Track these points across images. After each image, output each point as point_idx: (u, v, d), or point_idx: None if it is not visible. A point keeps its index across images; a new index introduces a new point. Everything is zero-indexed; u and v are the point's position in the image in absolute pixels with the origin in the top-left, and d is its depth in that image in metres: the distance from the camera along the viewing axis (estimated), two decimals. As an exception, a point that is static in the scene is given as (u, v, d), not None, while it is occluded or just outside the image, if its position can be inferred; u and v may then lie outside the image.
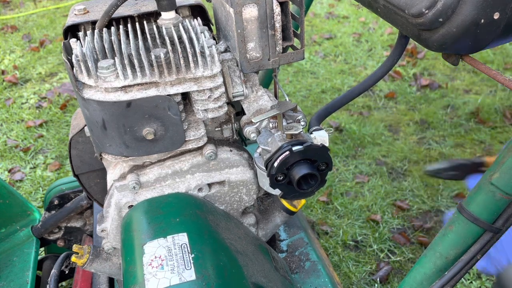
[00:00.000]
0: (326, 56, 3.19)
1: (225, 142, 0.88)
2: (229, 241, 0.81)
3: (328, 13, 3.79)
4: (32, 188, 2.19)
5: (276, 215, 0.99)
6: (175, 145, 0.81)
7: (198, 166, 0.86)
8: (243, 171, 0.88)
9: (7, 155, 2.41)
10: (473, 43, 0.70)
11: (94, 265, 0.90)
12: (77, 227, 1.40)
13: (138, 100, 0.73)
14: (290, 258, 1.08)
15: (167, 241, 0.74)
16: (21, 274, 1.18)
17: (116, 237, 0.90)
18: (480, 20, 0.65)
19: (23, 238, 1.32)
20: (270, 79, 1.71)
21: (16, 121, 2.68)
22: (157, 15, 0.85)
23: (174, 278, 0.68)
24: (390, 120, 2.47)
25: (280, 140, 0.70)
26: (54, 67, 3.22)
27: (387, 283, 1.66)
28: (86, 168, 1.07)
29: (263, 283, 0.80)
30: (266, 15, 0.74)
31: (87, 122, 0.81)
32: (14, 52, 3.44)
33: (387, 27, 3.42)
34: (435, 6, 0.66)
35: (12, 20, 3.97)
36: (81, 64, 0.73)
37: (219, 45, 0.87)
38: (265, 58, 0.79)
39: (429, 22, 0.68)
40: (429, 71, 2.91)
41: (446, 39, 0.69)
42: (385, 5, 0.78)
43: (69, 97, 2.85)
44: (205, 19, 0.93)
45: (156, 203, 0.84)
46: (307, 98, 2.73)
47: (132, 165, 0.86)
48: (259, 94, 0.84)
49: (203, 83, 0.75)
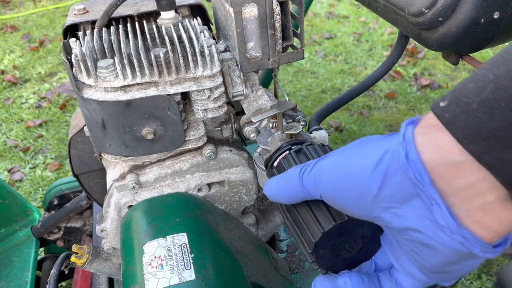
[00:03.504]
0: (326, 56, 3.18)
1: (224, 142, 0.88)
2: (229, 241, 0.80)
3: (328, 13, 3.79)
4: (32, 188, 2.19)
5: (276, 215, 0.99)
6: (174, 145, 0.81)
7: (198, 166, 0.86)
8: (243, 171, 0.88)
9: (6, 155, 2.41)
10: (473, 43, 0.70)
11: (93, 265, 0.90)
12: (76, 227, 1.40)
13: (137, 100, 0.73)
14: (290, 258, 1.08)
15: (167, 241, 0.74)
16: (21, 274, 1.18)
17: (115, 237, 0.90)
18: (480, 20, 0.65)
19: (22, 238, 1.32)
20: (270, 78, 1.71)
21: (15, 121, 2.67)
22: (157, 15, 0.85)
23: (174, 278, 0.68)
24: (390, 120, 2.46)
25: (280, 140, 0.70)
26: (54, 67, 3.22)
27: (387, 283, 1.65)
28: (85, 168, 1.07)
29: (263, 283, 0.80)
30: (266, 14, 0.74)
31: (87, 122, 0.81)
32: (13, 52, 3.44)
33: (387, 27, 3.42)
34: (435, 6, 0.66)
35: (11, 20, 3.97)
36: (80, 64, 0.73)
37: (219, 44, 0.87)
38: (265, 57, 0.79)
39: (429, 21, 0.68)
40: (429, 71, 2.91)
41: (446, 39, 0.69)
42: (385, 5, 0.77)
43: (68, 97, 2.85)
44: (205, 18, 0.93)
45: (156, 203, 0.84)
46: (307, 98, 2.73)
47: (132, 165, 0.86)
48: (258, 94, 0.84)
49: (202, 82, 0.75)
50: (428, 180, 0.38)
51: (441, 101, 0.38)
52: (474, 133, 0.35)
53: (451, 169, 0.37)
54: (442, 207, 0.38)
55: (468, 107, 0.35)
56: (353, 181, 0.42)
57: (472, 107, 0.35)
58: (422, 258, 0.43)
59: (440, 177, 0.38)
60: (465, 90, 0.36)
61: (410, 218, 0.41)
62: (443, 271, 0.43)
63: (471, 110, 0.35)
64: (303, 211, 0.52)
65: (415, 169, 0.38)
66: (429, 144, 0.38)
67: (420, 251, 0.43)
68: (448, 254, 0.40)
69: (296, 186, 0.48)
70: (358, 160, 0.43)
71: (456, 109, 0.36)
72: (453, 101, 0.37)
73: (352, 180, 0.42)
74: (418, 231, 0.41)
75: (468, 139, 0.35)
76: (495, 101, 0.34)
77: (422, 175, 0.38)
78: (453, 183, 0.37)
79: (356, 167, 0.42)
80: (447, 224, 0.38)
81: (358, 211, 0.44)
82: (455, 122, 0.36)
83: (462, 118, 0.36)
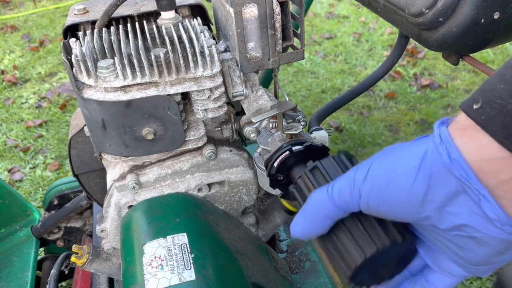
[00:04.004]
0: (326, 56, 3.18)
1: (225, 142, 0.88)
2: (229, 241, 0.80)
3: (328, 13, 3.79)
4: (32, 188, 2.19)
5: (276, 215, 0.99)
6: (175, 145, 0.81)
7: (198, 166, 0.86)
8: (243, 171, 0.88)
9: (6, 155, 2.41)
10: (473, 43, 0.70)
11: (93, 265, 0.90)
12: (76, 227, 1.40)
13: (137, 100, 0.73)
14: (290, 258, 1.08)
15: (167, 241, 0.74)
16: (21, 274, 1.18)
17: (115, 237, 0.90)
18: (480, 20, 0.65)
19: (22, 238, 1.32)
20: (270, 79, 1.71)
21: (15, 121, 2.67)
22: (157, 15, 0.85)
23: (174, 278, 0.68)
24: (390, 120, 2.46)
25: (280, 140, 0.70)
26: (54, 67, 3.22)
27: (387, 283, 1.65)
28: (85, 168, 1.07)
29: (263, 283, 0.80)
30: (266, 14, 0.74)
31: (87, 122, 0.81)
32: (13, 52, 3.44)
33: (387, 27, 3.42)
34: (435, 6, 0.66)
35: (11, 20, 3.97)
36: (80, 64, 0.73)
37: (219, 45, 0.87)
38: (265, 57, 0.79)
39: (429, 21, 0.68)
40: (430, 71, 2.91)
41: (446, 39, 0.69)
42: (385, 5, 0.77)
43: (68, 97, 2.85)
44: (205, 18, 0.93)
45: (156, 203, 0.84)
46: (307, 98, 2.73)
47: (132, 165, 0.86)
48: (259, 94, 0.84)
49: (203, 83, 0.75)
50: (474, 177, 0.39)
51: (473, 102, 0.39)
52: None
53: (494, 165, 0.39)
54: (491, 201, 0.40)
55: (503, 108, 0.37)
56: (399, 187, 0.43)
57: (507, 108, 0.37)
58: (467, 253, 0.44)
59: (484, 173, 0.40)
60: (497, 92, 0.38)
61: (460, 214, 0.42)
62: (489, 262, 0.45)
63: (507, 111, 0.37)
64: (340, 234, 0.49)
65: (459, 168, 0.40)
66: (470, 144, 0.40)
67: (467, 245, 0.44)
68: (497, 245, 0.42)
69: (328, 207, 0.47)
70: (398, 165, 0.43)
71: (491, 111, 0.38)
72: (486, 103, 0.38)
73: (398, 187, 0.43)
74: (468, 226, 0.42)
75: (508, 140, 0.37)
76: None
77: (468, 172, 0.40)
78: (498, 177, 0.39)
79: (399, 173, 0.43)
80: (497, 217, 0.40)
81: (406, 215, 0.44)
82: (492, 124, 0.38)
83: (499, 119, 0.37)
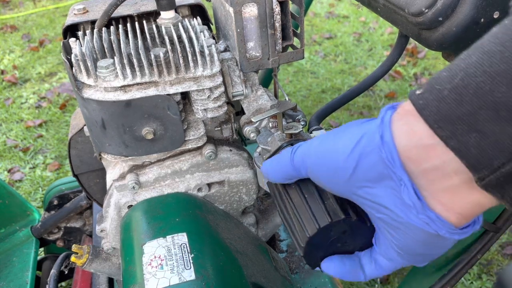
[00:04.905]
0: (326, 56, 3.18)
1: (224, 142, 0.88)
2: (229, 241, 0.80)
3: (328, 13, 3.79)
4: (32, 188, 2.19)
5: (276, 215, 0.99)
6: (174, 144, 0.81)
7: (198, 166, 0.86)
8: (243, 170, 0.88)
9: (6, 155, 2.41)
10: (473, 42, 0.70)
11: (93, 265, 0.90)
12: (76, 227, 1.40)
13: (137, 100, 0.73)
14: (290, 258, 1.08)
15: (167, 241, 0.74)
16: (21, 274, 1.18)
17: (115, 237, 0.90)
18: (480, 19, 0.65)
19: (22, 238, 1.32)
20: (270, 78, 1.71)
21: (15, 121, 2.67)
22: (157, 15, 0.85)
23: (174, 278, 0.68)
24: (390, 120, 2.46)
25: (280, 140, 0.70)
26: (54, 67, 3.22)
27: (388, 283, 1.65)
28: (85, 168, 1.07)
29: (263, 283, 0.80)
30: (266, 14, 0.74)
31: (87, 121, 0.81)
32: (13, 52, 3.44)
33: (387, 27, 3.42)
34: (435, 5, 0.66)
35: (11, 20, 3.97)
36: (80, 64, 0.73)
37: (219, 44, 0.87)
38: (264, 57, 0.79)
39: (429, 21, 0.68)
40: (430, 71, 2.91)
41: (446, 38, 0.69)
42: (385, 4, 0.77)
43: (68, 97, 2.85)
44: (205, 18, 0.93)
45: (156, 203, 0.84)
46: (307, 98, 2.73)
47: (132, 165, 0.86)
48: (258, 94, 0.84)
49: (202, 82, 0.75)
50: (398, 162, 0.40)
51: (418, 89, 0.40)
52: (443, 118, 0.37)
53: (420, 152, 0.39)
54: (409, 187, 0.40)
55: (440, 93, 0.37)
56: (333, 161, 0.45)
57: (443, 93, 0.37)
58: (396, 239, 0.45)
59: (410, 160, 0.40)
60: (439, 79, 0.38)
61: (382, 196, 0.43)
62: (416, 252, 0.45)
63: (442, 96, 0.37)
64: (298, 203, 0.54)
65: (387, 151, 0.40)
66: (403, 128, 0.40)
67: (393, 231, 0.45)
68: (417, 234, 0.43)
69: (287, 164, 0.52)
70: (340, 141, 0.45)
71: (429, 96, 0.38)
72: (428, 89, 0.38)
73: (332, 160, 0.45)
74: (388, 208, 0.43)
75: (437, 124, 0.37)
76: (464, 88, 0.35)
77: (394, 156, 0.40)
78: (421, 165, 0.39)
79: (337, 148, 0.45)
80: (413, 204, 0.40)
81: (338, 188, 0.47)
82: (427, 108, 0.38)
83: (434, 104, 0.37)
